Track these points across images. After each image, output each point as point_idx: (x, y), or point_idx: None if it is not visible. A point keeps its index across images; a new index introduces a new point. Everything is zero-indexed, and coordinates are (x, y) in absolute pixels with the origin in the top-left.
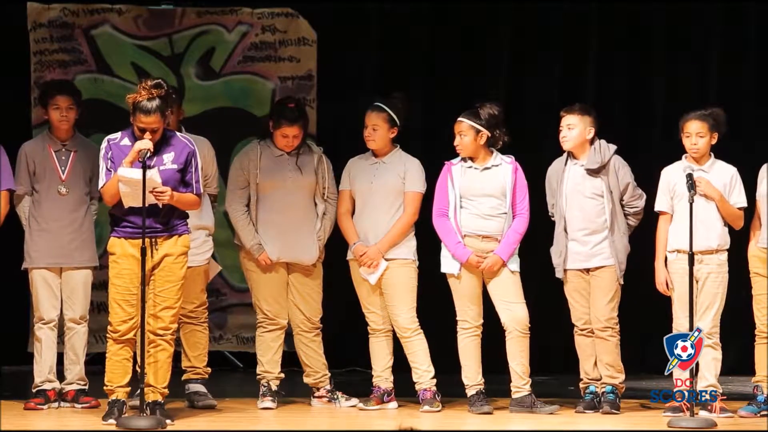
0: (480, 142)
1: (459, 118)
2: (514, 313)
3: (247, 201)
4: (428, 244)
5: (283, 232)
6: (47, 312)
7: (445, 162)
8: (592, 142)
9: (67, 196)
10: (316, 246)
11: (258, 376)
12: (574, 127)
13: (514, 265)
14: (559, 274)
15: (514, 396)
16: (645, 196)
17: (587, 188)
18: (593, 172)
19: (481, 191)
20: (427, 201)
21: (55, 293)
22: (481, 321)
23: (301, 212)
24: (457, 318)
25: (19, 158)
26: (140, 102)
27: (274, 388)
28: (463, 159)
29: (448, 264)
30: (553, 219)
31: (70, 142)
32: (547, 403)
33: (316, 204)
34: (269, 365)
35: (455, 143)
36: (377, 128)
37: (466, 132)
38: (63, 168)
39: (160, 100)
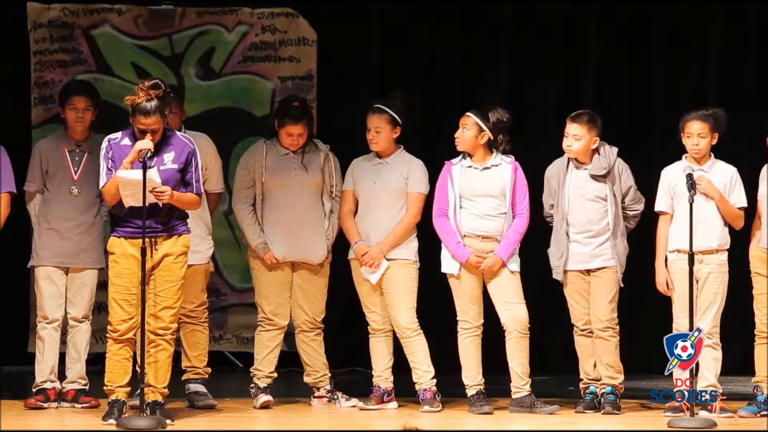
0: (480, 141)
1: (467, 113)
2: (514, 314)
3: (253, 200)
4: (429, 244)
5: (289, 231)
6: (51, 311)
7: (446, 162)
8: (596, 148)
9: (79, 196)
10: (324, 245)
11: (251, 374)
12: (580, 139)
13: (514, 265)
14: (557, 276)
15: (514, 396)
16: (644, 200)
17: (590, 191)
18: (598, 177)
19: (481, 191)
20: (428, 202)
21: (61, 292)
22: (482, 321)
23: (308, 211)
24: (458, 318)
25: (33, 156)
26: (139, 103)
27: (262, 386)
28: (463, 157)
29: (448, 264)
30: (548, 219)
31: (85, 143)
32: (547, 403)
33: (323, 203)
34: (262, 364)
35: (456, 135)
36: (380, 130)
37: (470, 127)
38: (76, 168)
39: (158, 100)
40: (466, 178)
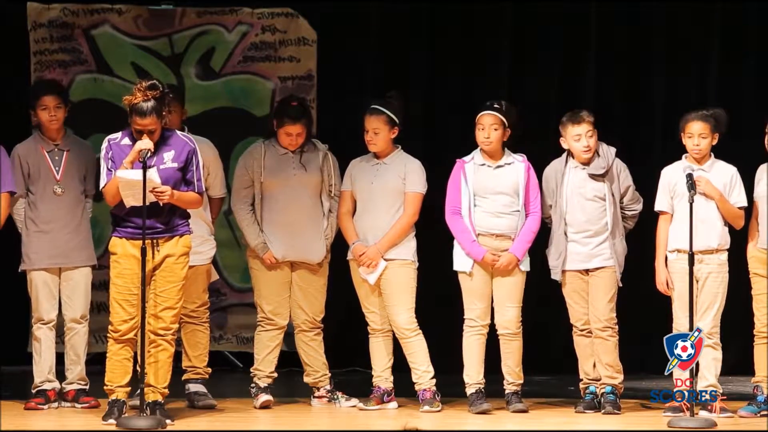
0: (503, 139)
1: (489, 111)
2: (505, 315)
3: (252, 200)
4: (430, 244)
5: (288, 230)
6: (46, 312)
7: (457, 160)
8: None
9: (63, 195)
10: (323, 244)
11: (251, 374)
12: (592, 135)
13: (525, 264)
14: (556, 276)
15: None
16: (642, 200)
17: (589, 190)
18: (597, 176)
19: (495, 189)
20: (427, 202)
21: (54, 294)
22: (488, 321)
23: (307, 210)
24: (465, 316)
25: (12, 161)
26: (136, 104)
27: (262, 385)
28: (473, 156)
29: (460, 261)
30: (546, 220)
31: (62, 141)
32: (518, 402)
33: (322, 202)
34: (263, 364)
35: (485, 136)
36: (378, 131)
37: (498, 126)
38: (57, 168)
39: (155, 101)
40: (480, 175)
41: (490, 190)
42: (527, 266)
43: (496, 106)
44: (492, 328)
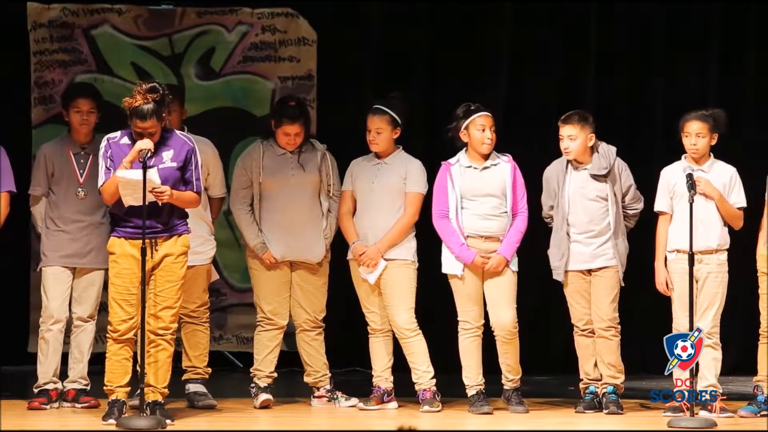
0: None
1: (486, 113)
2: (501, 318)
3: (251, 200)
4: (429, 244)
5: (287, 230)
6: (57, 312)
7: (442, 162)
8: (593, 146)
9: (86, 199)
10: (322, 244)
11: (251, 374)
12: (575, 138)
13: (515, 264)
14: (558, 277)
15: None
16: (643, 199)
17: (591, 191)
18: (599, 177)
19: (482, 191)
20: (428, 202)
21: (66, 294)
22: (482, 322)
23: (305, 210)
24: (459, 318)
25: (38, 160)
26: (136, 107)
27: (262, 385)
28: (458, 158)
29: (450, 265)
30: (547, 220)
31: (90, 145)
32: (519, 404)
33: (321, 202)
34: (263, 364)
35: (488, 137)
36: (381, 131)
37: (493, 126)
38: (81, 171)
39: (155, 104)
40: (467, 178)
41: (477, 192)
42: (516, 266)
43: (482, 108)
44: (488, 328)
